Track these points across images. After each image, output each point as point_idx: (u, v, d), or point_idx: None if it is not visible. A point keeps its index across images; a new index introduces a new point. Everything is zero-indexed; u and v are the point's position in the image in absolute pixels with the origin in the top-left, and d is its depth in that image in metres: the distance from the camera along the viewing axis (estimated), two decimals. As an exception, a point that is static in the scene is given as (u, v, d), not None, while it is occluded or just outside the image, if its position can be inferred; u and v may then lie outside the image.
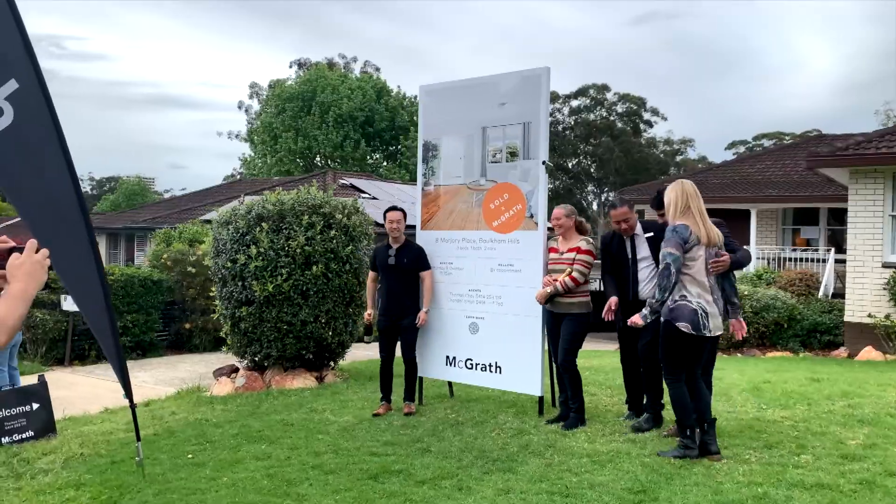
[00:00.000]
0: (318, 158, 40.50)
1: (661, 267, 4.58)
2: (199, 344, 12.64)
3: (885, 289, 11.02)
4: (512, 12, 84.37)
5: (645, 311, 4.69)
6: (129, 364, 10.43)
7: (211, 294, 8.59)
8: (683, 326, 4.55)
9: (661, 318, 4.70)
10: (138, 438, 4.98)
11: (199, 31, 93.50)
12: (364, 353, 10.74)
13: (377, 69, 46.00)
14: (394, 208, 6.14)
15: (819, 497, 3.87)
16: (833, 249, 16.20)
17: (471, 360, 6.14)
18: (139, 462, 4.91)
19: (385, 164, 40.68)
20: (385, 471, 4.68)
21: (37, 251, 1.84)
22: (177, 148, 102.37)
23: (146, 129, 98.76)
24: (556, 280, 5.49)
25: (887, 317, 10.89)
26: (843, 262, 16.12)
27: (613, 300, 5.65)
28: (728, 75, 73.26)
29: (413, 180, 35.41)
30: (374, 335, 6.31)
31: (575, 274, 5.48)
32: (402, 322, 6.11)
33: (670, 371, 4.71)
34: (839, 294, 14.16)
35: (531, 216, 5.75)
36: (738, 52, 74.12)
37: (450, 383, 6.74)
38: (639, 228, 5.47)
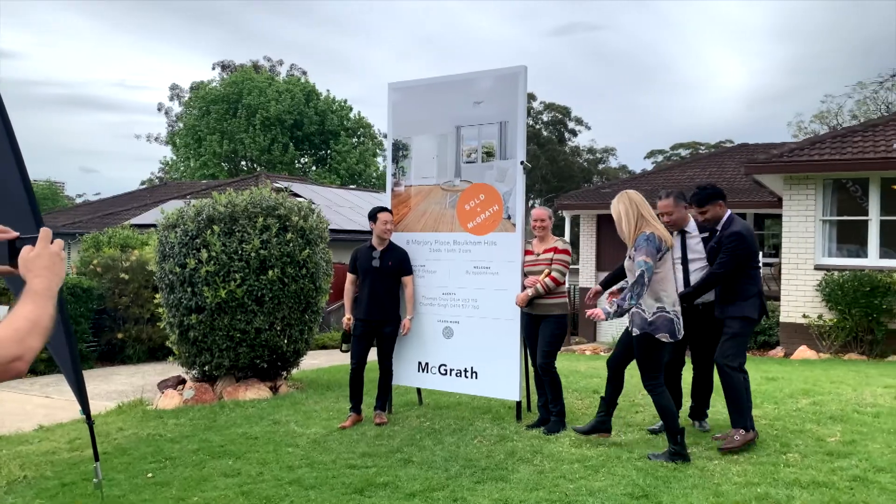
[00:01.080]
0: (243, 162, 39.44)
1: (637, 274, 4.52)
2: (132, 355, 11.92)
3: (817, 290, 11.49)
4: (436, 20, 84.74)
5: (610, 309, 4.62)
6: (60, 378, 9.73)
7: (156, 300, 8.09)
8: (664, 337, 4.58)
9: (637, 330, 4.66)
10: (96, 458, 4.58)
11: (114, 31, 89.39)
12: (311, 362, 10.37)
13: (304, 73, 45.28)
14: (384, 209, 5.90)
15: (819, 495, 3.89)
16: (760, 253, 16.85)
17: (445, 365, 5.96)
18: (97, 484, 4.50)
19: (314, 168, 40.00)
20: (370, 484, 4.44)
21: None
22: (88, 151, 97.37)
23: (55, 132, 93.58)
24: (536, 282, 5.40)
25: (820, 317, 11.35)
26: (770, 265, 16.87)
27: (594, 288, 5.53)
28: (646, 87, 75.88)
29: (344, 185, 34.92)
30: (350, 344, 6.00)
31: (555, 274, 5.39)
32: (382, 329, 5.86)
33: (652, 378, 4.69)
34: (768, 296, 14.73)
35: (508, 217, 5.63)
36: (654, 65, 76.90)
37: (419, 390, 6.54)
38: (692, 226, 5.25)
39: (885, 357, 10.69)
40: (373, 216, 5.86)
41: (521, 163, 5.55)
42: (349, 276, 6.01)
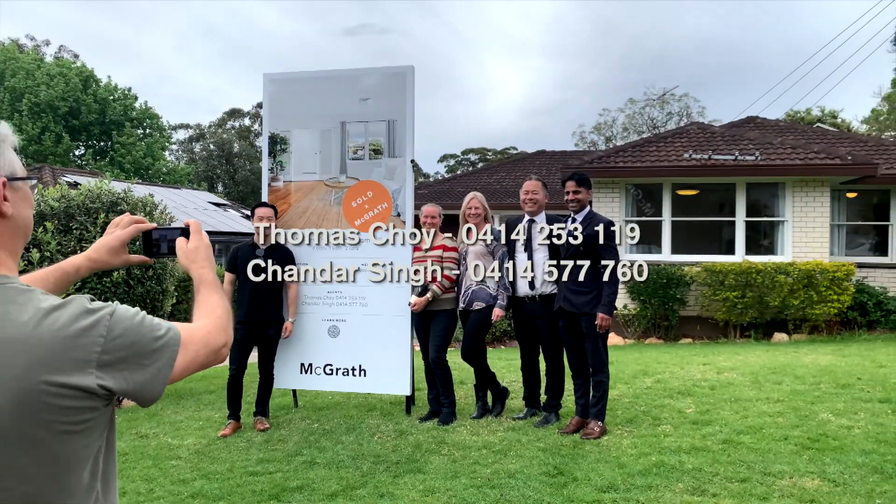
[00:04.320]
0: (6, 153, 34.70)
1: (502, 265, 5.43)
2: None
3: (623, 283, 12.82)
4: (219, 11, 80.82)
5: (503, 302, 5.49)
6: None
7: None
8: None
9: (482, 304, 5.47)
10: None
11: None
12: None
13: (76, 56, 41.04)
14: (263, 204, 5.61)
15: (702, 458, 4.45)
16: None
17: (330, 365, 5.85)
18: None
19: (94, 161, 36.30)
20: (283, 489, 4.29)
21: None
22: None
23: None
24: (432, 281, 5.50)
25: (625, 307, 12.68)
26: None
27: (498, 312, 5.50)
28: (435, 92, 78.59)
29: (128, 178, 32.08)
30: None
31: (447, 272, 5.55)
32: (266, 331, 5.60)
33: (482, 349, 5.66)
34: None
35: (398, 214, 5.69)
36: (442, 72, 79.90)
37: (294, 392, 6.35)
38: (542, 217, 5.47)
39: (677, 340, 12.24)
40: (251, 212, 5.62)
41: (412, 161, 5.64)
42: (227, 276, 5.68)
